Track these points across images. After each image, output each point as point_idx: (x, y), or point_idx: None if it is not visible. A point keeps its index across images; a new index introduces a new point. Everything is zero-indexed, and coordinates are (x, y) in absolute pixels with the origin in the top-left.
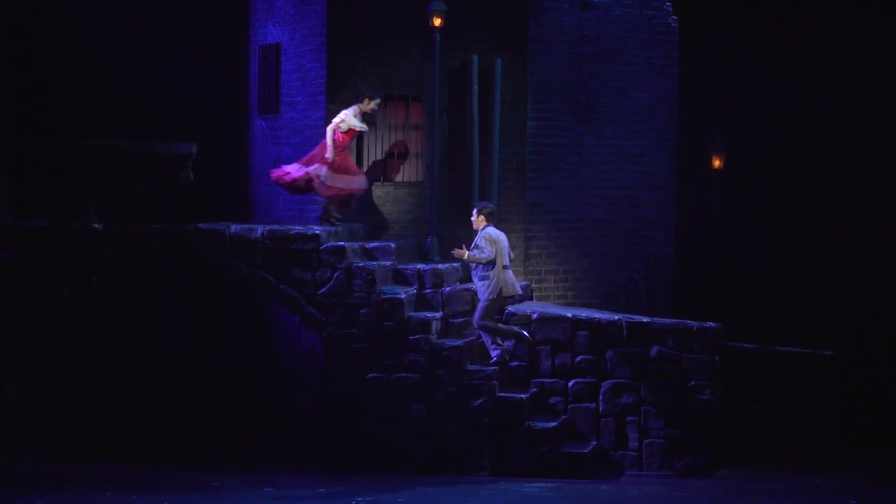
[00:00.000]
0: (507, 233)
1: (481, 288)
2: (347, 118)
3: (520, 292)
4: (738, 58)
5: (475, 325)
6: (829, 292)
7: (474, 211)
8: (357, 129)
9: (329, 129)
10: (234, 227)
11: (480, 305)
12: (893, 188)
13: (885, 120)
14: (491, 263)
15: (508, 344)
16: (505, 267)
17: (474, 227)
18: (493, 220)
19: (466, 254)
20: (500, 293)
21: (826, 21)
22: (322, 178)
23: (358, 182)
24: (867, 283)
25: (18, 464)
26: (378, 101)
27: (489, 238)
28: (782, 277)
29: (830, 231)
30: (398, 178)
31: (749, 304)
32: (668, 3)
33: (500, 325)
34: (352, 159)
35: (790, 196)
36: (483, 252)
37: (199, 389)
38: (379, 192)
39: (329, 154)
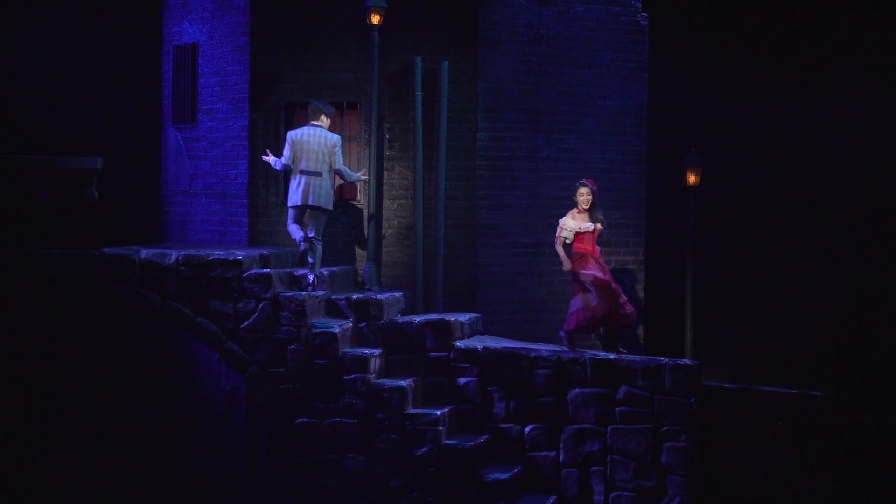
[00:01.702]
0: (454, 258)
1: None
2: (565, 227)
3: (311, 203)
4: (715, 61)
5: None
6: (820, 325)
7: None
8: (582, 230)
9: (557, 247)
10: (144, 252)
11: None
12: (887, 208)
13: (877, 135)
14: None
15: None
16: (302, 171)
17: None
18: (317, 117)
19: (269, 158)
20: (298, 202)
21: (813, 23)
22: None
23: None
24: (862, 315)
25: None
26: (584, 188)
27: (289, 140)
28: (766, 308)
29: (820, 256)
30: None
31: (729, 339)
32: None
33: (300, 241)
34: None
35: (773, 216)
36: (283, 156)
37: (104, 436)
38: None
39: (566, 265)
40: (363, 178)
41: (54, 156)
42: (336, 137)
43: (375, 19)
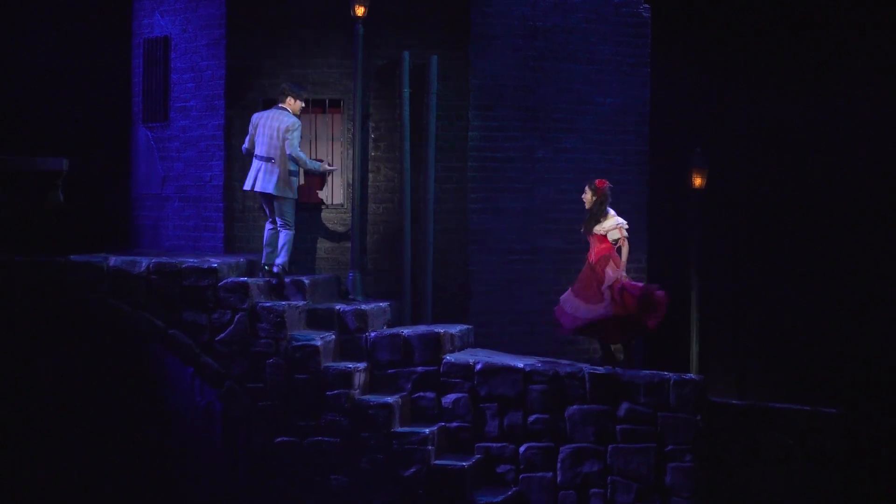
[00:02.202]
0: (444, 265)
1: None
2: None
3: (259, 189)
4: (722, 56)
5: None
6: (833, 337)
7: None
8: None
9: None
10: (113, 260)
11: None
12: None
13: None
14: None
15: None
16: (256, 156)
17: None
18: (283, 99)
19: None
20: (247, 187)
21: (824, 17)
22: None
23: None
24: (878, 327)
25: None
26: (591, 188)
27: (251, 123)
28: (775, 319)
29: (833, 264)
30: (312, 199)
31: (736, 352)
32: None
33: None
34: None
35: (783, 221)
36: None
37: (72, 456)
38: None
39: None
40: (328, 168)
41: (16, 156)
42: (291, 120)
43: (360, 11)
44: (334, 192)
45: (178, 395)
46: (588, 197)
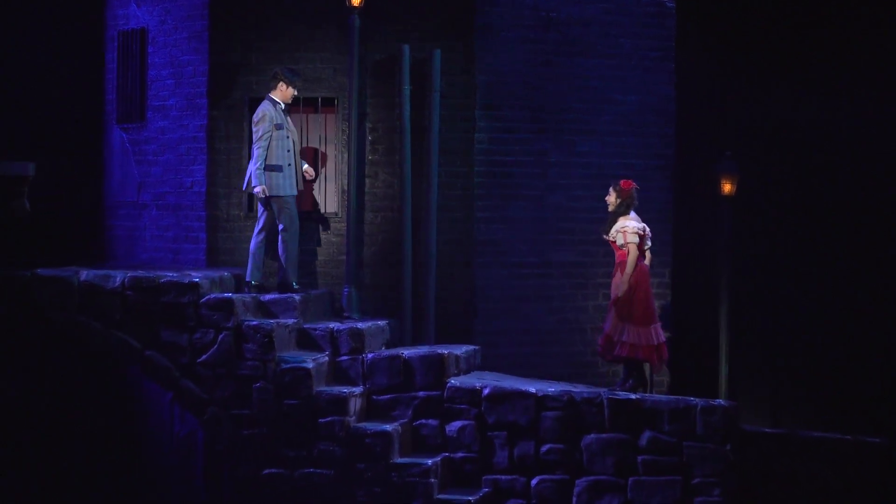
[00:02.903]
0: (447, 280)
1: None
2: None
3: (242, 187)
4: (753, 50)
5: None
6: (876, 359)
7: None
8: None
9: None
10: (84, 274)
11: None
12: None
13: None
14: None
15: None
16: None
17: None
18: (274, 85)
19: None
20: None
21: (868, 8)
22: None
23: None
24: None
25: None
26: (616, 189)
27: None
28: (813, 339)
29: (877, 279)
30: (303, 207)
31: (770, 376)
32: None
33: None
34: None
35: (822, 232)
36: None
37: (34, 494)
38: None
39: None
40: (254, 189)
41: None
42: (257, 110)
43: (356, 1)
44: (328, 200)
45: (155, 424)
46: (612, 199)
